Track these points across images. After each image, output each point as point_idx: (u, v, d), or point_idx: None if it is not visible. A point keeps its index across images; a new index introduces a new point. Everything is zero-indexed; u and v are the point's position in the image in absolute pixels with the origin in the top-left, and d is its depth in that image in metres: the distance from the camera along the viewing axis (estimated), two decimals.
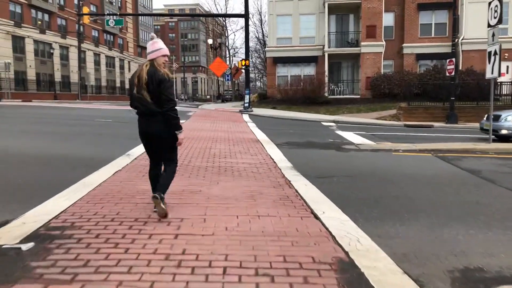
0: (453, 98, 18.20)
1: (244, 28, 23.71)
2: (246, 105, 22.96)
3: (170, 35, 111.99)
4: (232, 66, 41.29)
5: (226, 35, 45.80)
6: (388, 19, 26.65)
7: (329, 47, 26.57)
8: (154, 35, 3.90)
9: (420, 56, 26.60)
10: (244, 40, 23.67)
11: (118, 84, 59.72)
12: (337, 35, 27.16)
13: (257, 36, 48.66)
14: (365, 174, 6.69)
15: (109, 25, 23.13)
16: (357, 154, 8.89)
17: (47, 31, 42.73)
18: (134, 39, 67.75)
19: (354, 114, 22.45)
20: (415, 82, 22.64)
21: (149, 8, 75.93)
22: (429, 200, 5.15)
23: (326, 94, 25.44)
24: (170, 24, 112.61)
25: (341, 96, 26.43)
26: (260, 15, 62.55)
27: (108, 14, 23.44)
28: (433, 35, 26.46)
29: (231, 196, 4.79)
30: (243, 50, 24.49)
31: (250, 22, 47.37)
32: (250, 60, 49.10)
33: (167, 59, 3.86)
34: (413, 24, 26.40)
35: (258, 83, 79.70)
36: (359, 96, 26.16)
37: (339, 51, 26.72)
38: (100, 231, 3.44)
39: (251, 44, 46.96)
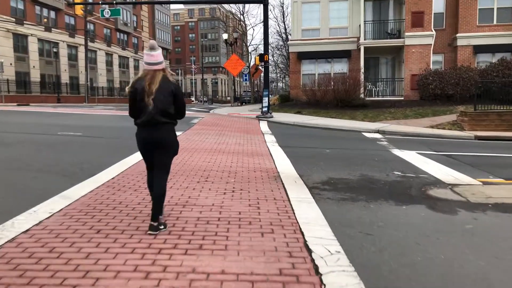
0: None
1: (262, 20, 19.59)
2: (265, 109, 18.79)
3: (190, 35, 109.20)
4: (251, 64, 37.25)
5: (244, 30, 41.46)
6: (437, 4, 21.92)
7: (365, 39, 22.07)
8: (155, 43, 3.71)
9: (478, 49, 21.76)
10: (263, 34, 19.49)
11: None
12: (374, 25, 22.63)
13: (279, 30, 43.81)
14: None
15: (104, 16, 19.46)
16: (477, 222, 4.48)
17: (53, 29, 39.87)
18: (150, 38, 64.68)
19: (400, 120, 17.90)
20: (476, 80, 17.89)
21: (166, 6, 72.88)
22: None
23: (361, 96, 20.95)
24: (190, 24, 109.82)
25: (380, 98, 21.89)
26: (282, 7, 58.09)
27: (102, 3, 19.69)
28: (495, 22, 21.56)
29: None
30: (262, 47, 20.71)
31: (270, 15, 43.11)
32: (271, 58, 45.04)
33: None
34: (470, 9, 21.58)
35: (280, 84, 75.15)
36: (402, 98, 21.55)
37: (377, 43, 22.17)
38: None
39: (271, 40, 42.81)
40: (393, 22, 22.73)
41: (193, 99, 73.99)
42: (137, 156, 7.31)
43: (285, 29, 41.56)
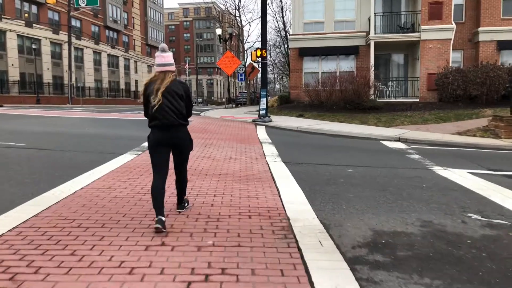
0: None
1: (260, 15, 17.04)
2: (263, 112, 16.24)
3: (185, 35, 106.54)
4: (247, 63, 34.71)
5: (240, 26, 38.71)
6: None
7: (375, 33, 19.59)
8: (166, 46, 3.82)
9: (503, 45, 19.36)
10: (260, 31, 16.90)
11: (122, 86, 53.93)
12: (385, 18, 20.16)
13: (277, 26, 40.91)
14: None
15: (79, 5, 16.85)
16: None
17: (35, 24, 37.10)
18: (142, 37, 62.06)
19: (419, 125, 15.41)
20: (508, 79, 15.45)
21: (159, 4, 70.27)
22: None
23: (372, 97, 18.44)
24: (185, 23, 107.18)
25: (393, 100, 19.41)
26: (281, 1, 54.93)
27: None
28: None
29: None
30: (259, 45, 18.11)
31: (268, 11, 40.29)
32: (268, 57, 42.18)
33: None
34: (494, 0, 19.15)
35: (277, 85, 72.37)
36: (417, 100, 19.09)
37: (389, 38, 19.69)
38: None
39: (269, 37, 40.13)
40: (406, 14, 20.27)
41: None
42: (82, 181, 5.13)
43: (284, 26, 38.96)
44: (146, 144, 4.32)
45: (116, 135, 11.02)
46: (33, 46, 33.90)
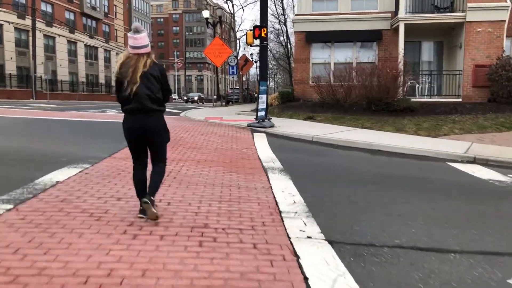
0: None
1: None
2: (262, 113, 11.84)
3: (174, 28, 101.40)
4: (240, 55, 30.18)
5: (232, 12, 33.78)
6: None
7: (406, 12, 15.26)
8: (139, 25, 3.46)
9: None
10: (259, 13, 12.43)
11: (102, 80, 48.94)
12: None
13: (274, 11, 35.65)
14: None
15: None
16: None
17: None
18: (125, 27, 56.97)
19: (478, 135, 11.15)
20: None
21: None
22: None
23: (400, 95, 14.11)
24: (174, 16, 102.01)
25: (427, 99, 15.14)
26: None
27: None
28: None
29: None
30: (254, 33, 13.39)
31: None
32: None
33: None
34: None
35: (272, 83, 67.31)
36: (459, 99, 14.88)
37: (423, 19, 15.37)
38: None
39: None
40: None
41: (175, 97, 66.21)
42: None
43: (283, 10, 34.22)
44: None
45: (32, 153, 6.52)
46: None
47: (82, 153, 6.50)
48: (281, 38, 37.90)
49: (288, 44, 37.87)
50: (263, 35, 12.11)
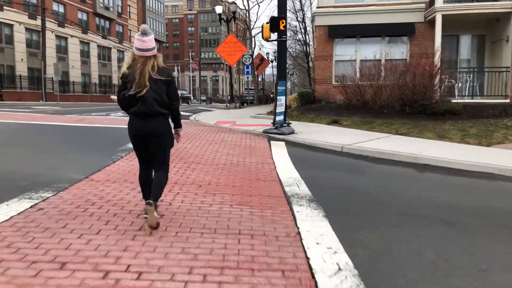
0: None
1: None
2: (280, 118, 10.27)
3: (189, 28, 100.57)
4: (255, 54, 28.67)
5: (247, 8, 32.10)
6: None
7: (444, 1, 13.46)
8: (147, 27, 3.39)
9: None
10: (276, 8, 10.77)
11: (115, 81, 48.05)
12: None
13: (292, 7, 33.50)
14: None
15: None
16: None
17: (5, 7, 31.41)
18: (139, 27, 56.17)
19: None
20: None
21: None
22: None
23: (438, 97, 12.32)
24: (189, 16, 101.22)
25: (469, 100, 13.33)
26: None
27: None
28: None
29: None
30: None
31: None
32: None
33: None
34: None
35: (288, 83, 65.40)
36: (507, 100, 13.00)
37: (464, 9, 13.54)
38: None
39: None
40: None
41: (191, 97, 64.82)
42: None
43: (301, 6, 32.23)
44: None
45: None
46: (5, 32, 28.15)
47: (52, 173, 5.07)
48: (299, 36, 36.10)
49: (307, 42, 36.04)
50: (281, 27, 10.54)
